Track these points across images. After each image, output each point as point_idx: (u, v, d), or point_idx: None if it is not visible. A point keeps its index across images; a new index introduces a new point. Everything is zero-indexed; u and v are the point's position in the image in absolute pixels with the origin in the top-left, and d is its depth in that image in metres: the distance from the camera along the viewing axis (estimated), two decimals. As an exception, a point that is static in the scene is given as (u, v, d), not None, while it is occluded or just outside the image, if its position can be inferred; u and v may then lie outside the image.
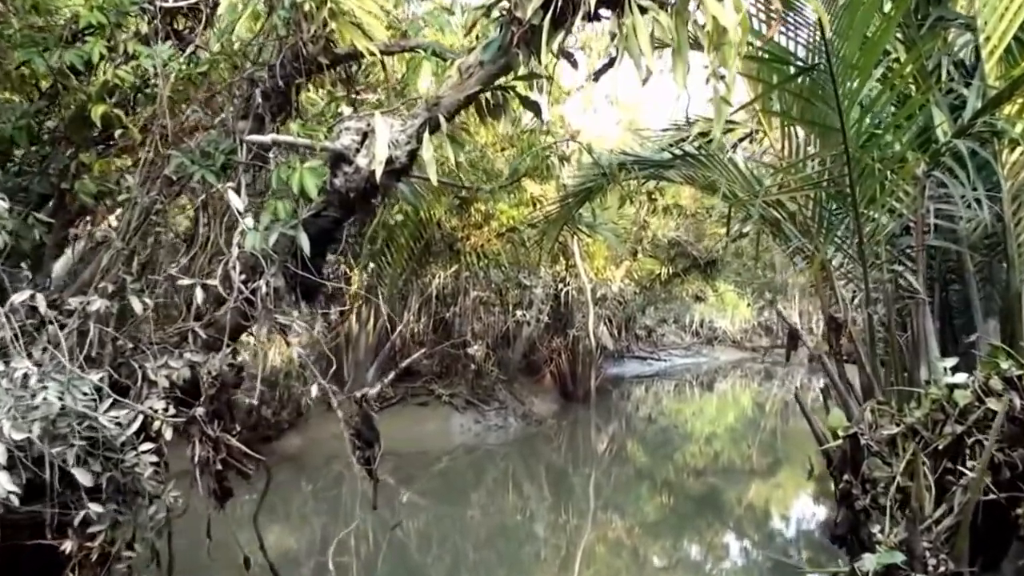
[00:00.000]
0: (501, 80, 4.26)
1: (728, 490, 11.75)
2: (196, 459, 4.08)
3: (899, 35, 6.63)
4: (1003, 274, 6.81)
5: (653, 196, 6.95)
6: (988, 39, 6.50)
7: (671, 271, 19.67)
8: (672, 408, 19.96)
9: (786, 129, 6.88)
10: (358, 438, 4.62)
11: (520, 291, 14.79)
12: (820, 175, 6.47)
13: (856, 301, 6.68)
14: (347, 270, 12.72)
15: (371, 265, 12.81)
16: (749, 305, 28.86)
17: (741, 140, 9.35)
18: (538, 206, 10.25)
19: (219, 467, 4.15)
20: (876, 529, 5.08)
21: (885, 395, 6.38)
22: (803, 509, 10.96)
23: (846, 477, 5.92)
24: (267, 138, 4.04)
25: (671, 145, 8.56)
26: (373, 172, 3.98)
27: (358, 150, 4.07)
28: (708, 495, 11.60)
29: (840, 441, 6.04)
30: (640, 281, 19.38)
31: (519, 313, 14.71)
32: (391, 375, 13.28)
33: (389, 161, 4.03)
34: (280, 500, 10.27)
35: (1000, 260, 6.85)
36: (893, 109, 6.66)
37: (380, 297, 13.08)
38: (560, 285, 15.89)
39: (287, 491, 10.68)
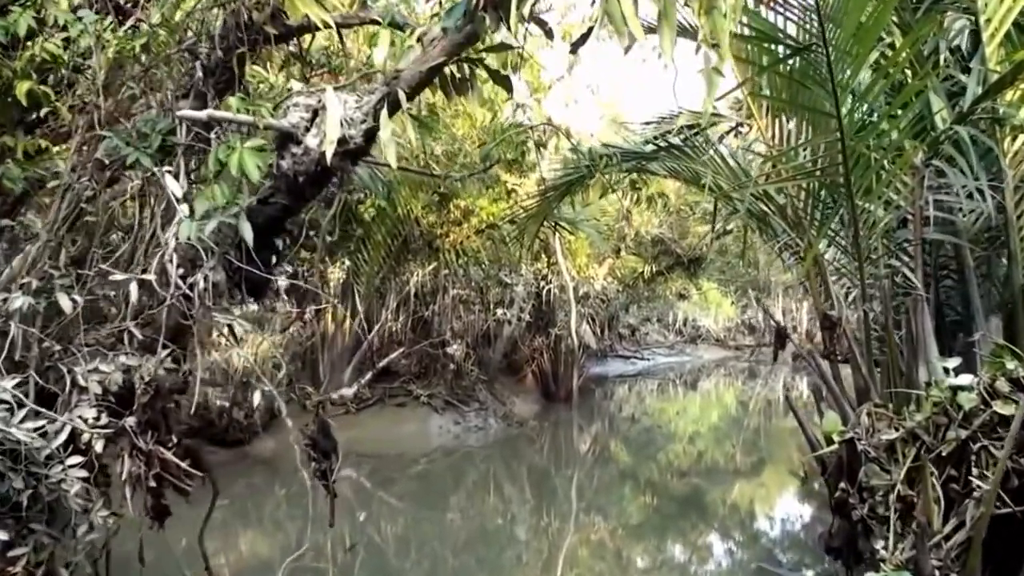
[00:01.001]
0: (469, 52, 3.79)
1: (712, 491, 11.44)
2: (126, 475, 3.59)
3: (895, 18, 6.21)
4: (1003, 269, 6.41)
5: (637, 185, 6.51)
6: (989, 21, 6.07)
7: (654, 269, 19.24)
8: (655, 407, 19.56)
9: (776, 116, 6.42)
10: (313, 448, 4.14)
11: (501, 289, 14.31)
12: (813, 164, 6.01)
13: (851, 298, 6.24)
14: (322, 267, 12.24)
15: (347, 262, 12.34)
16: (733, 303, 28.47)
17: (728, 133, 8.94)
18: (515, 197, 9.75)
19: (153, 484, 3.65)
20: (879, 545, 4.62)
21: (882, 397, 5.95)
22: (788, 510, 10.68)
23: (842, 485, 5.48)
24: (202, 114, 3.54)
25: (656, 138, 8.14)
26: (324, 153, 3.50)
27: (308, 128, 3.59)
28: (692, 496, 11.27)
29: (835, 446, 5.60)
30: (623, 279, 18.93)
31: (500, 312, 14.20)
32: (368, 375, 13.07)
33: (342, 141, 3.55)
34: (253, 505, 9.92)
35: (1000, 254, 6.44)
36: (889, 95, 6.23)
37: (357, 295, 12.62)
38: (542, 283, 15.37)
39: (260, 496, 10.32)
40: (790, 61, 5.49)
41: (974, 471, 4.99)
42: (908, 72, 6.30)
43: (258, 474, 10.99)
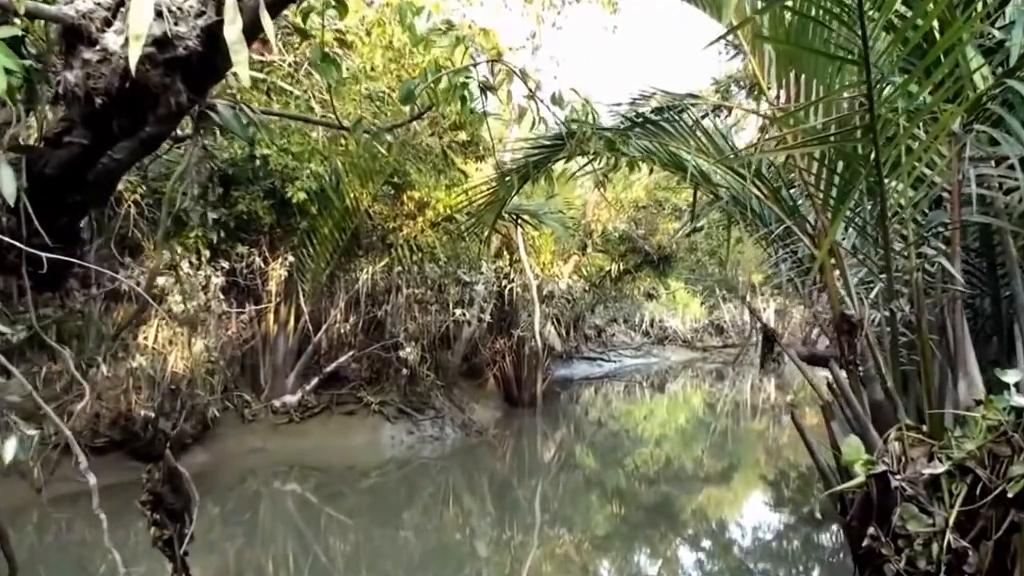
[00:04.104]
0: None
1: (681, 498, 10.73)
2: None
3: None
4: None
5: (616, 146, 5.26)
6: (1040, -46, 4.77)
7: (622, 267, 17.93)
8: (622, 411, 18.43)
9: (785, 71, 5.03)
10: (155, 507, 2.73)
11: (460, 288, 12.89)
12: (833, 128, 4.64)
13: (872, 295, 4.93)
14: (263, 263, 10.78)
15: (290, 258, 10.89)
16: (703, 303, 27.24)
17: (712, 111, 7.67)
18: (471, 181, 8.36)
19: None
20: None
21: (910, 416, 4.64)
22: (759, 518, 10.11)
23: (871, 531, 4.14)
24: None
25: (637, 115, 6.84)
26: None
27: (109, 22, 2.19)
28: (661, 504, 10.50)
29: (860, 480, 4.27)
30: (590, 278, 17.62)
31: (459, 312, 12.76)
32: (314, 381, 11.59)
33: (163, 43, 2.15)
34: None
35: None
36: (909, 60, 4.91)
37: (301, 294, 11.18)
38: (504, 281, 13.95)
39: None
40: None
41: (1049, 517, 3.70)
42: (936, 24, 5.00)
43: (188, 492, 9.60)
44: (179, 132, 3.37)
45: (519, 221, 10.95)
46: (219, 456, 10.37)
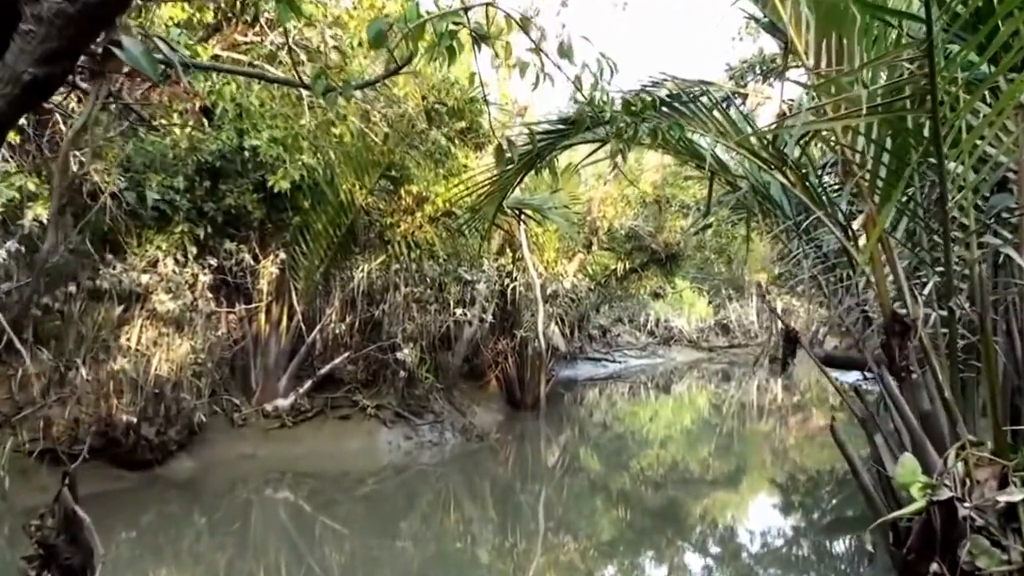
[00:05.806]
0: None
1: (688, 503, 10.35)
2: None
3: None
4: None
5: (632, 109, 4.65)
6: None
7: (628, 266, 17.25)
8: (627, 412, 17.81)
9: (825, 32, 4.33)
10: (46, 564, 2.06)
11: (460, 287, 12.25)
12: (876, 97, 3.95)
13: (926, 291, 4.27)
14: (254, 260, 10.12)
15: (283, 255, 10.25)
16: (709, 303, 26.49)
17: (730, 95, 7.05)
18: (469, 171, 7.71)
19: None
20: None
21: (971, 431, 3.97)
22: (768, 523, 9.70)
23: (934, 567, 3.47)
24: None
25: (652, 98, 6.18)
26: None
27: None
28: (667, 509, 10.11)
29: (919, 506, 3.60)
30: (595, 276, 16.93)
31: (459, 312, 12.11)
32: (308, 384, 10.93)
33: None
34: (167, 538, 8.26)
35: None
36: (961, 30, 4.22)
37: (294, 293, 10.53)
38: (506, 280, 13.35)
39: (176, 525, 8.66)
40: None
41: None
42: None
43: (173, 500, 9.12)
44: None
45: (522, 217, 10.29)
46: (207, 463, 9.78)
